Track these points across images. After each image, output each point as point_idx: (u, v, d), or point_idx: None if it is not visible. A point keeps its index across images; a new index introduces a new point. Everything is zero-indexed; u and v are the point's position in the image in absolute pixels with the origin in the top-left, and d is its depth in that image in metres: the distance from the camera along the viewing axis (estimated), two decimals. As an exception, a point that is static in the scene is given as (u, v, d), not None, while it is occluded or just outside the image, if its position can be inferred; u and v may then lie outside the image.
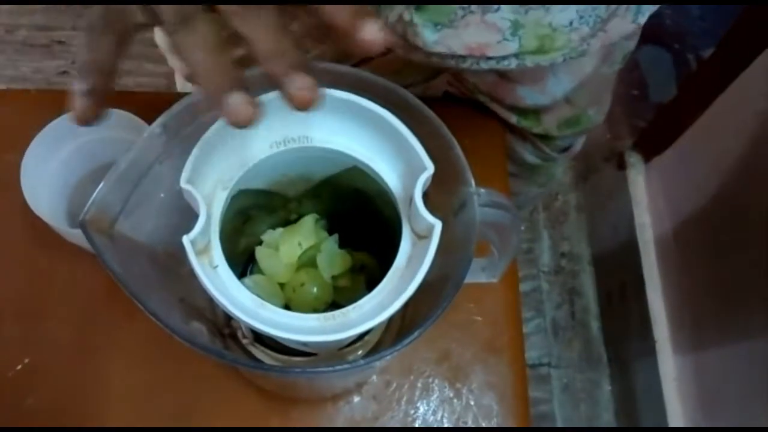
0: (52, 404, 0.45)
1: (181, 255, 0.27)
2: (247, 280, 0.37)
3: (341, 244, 0.38)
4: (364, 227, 0.37)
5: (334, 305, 0.36)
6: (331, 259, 0.38)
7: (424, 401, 0.47)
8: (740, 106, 0.91)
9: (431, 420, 0.46)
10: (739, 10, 0.89)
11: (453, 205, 0.30)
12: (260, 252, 0.38)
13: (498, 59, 0.43)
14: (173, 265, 0.29)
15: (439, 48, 0.42)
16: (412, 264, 0.29)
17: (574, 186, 1.36)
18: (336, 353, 0.38)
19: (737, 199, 0.90)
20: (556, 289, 1.28)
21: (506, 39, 0.42)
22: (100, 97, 0.25)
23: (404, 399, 0.47)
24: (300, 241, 0.37)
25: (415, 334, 0.27)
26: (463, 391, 0.47)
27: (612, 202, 1.22)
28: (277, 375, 0.38)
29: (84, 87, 0.25)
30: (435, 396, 0.47)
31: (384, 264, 0.30)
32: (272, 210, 0.38)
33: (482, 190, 0.30)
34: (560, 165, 0.68)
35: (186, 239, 0.27)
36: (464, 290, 0.28)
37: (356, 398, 0.47)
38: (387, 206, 0.32)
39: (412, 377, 0.47)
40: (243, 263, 0.41)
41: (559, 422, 1.17)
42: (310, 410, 0.46)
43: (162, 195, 0.30)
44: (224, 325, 0.38)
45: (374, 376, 0.47)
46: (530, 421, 0.48)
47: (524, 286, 1.27)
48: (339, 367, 0.27)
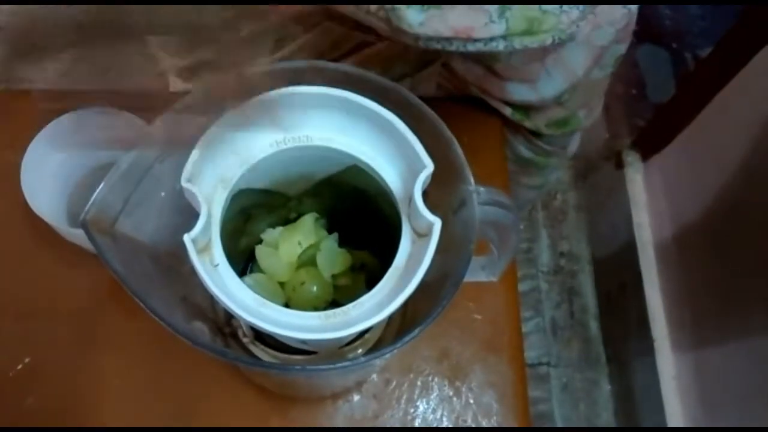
0: (52, 404, 0.45)
1: (182, 254, 0.27)
2: (248, 278, 0.37)
3: (341, 243, 0.38)
4: (363, 226, 0.37)
5: (335, 304, 0.36)
6: (331, 257, 0.38)
7: (424, 400, 0.47)
8: (738, 105, 0.91)
9: (431, 418, 0.47)
10: (737, 10, 0.89)
11: (452, 204, 0.30)
12: (260, 251, 0.38)
13: (485, 41, 0.43)
14: (174, 264, 0.29)
15: (425, 30, 0.42)
16: (411, 262, 0.29)
17: (573, 185, 1.36)
18: (336, 351, 0.38)
19: (736, 197, 0.90)
20: (555, 289, 1.28)
21: (493, 21, 0.41)
22: None
23: (404, 397, 0.47)
24: (300, 240, 0.37)
25: (415, 332, 0.27)
26: (463, 390, 0.47)
27: (611, 201, 1.22)
28: (277, 372, 0.38)
29: None
30: (435, 394, 0.47)
31: (384, 262, 0.30)
32: (272, 209, 0.38)
33: (482, 188, 0.30)
34: (557, 168, 0.68)
35: (187, 238, 0.27)
36: (464, 289, 0.28)
37: (356, 397, 0.47)
38: (387, 205, 0.33)
39: (411, 376, 0.48)
40: (243, 262, 0.41)
41: (559, 421, 1.17)
42: (310, 409, 0.46)
43: (163, 194, 0.30)
44: (225, 324, 0.38)
45: (374, 375, 0.47)
46: (530, 420, 0.48)
47: (523, 286, 1.26)
48: (339, 365, 0.27)
